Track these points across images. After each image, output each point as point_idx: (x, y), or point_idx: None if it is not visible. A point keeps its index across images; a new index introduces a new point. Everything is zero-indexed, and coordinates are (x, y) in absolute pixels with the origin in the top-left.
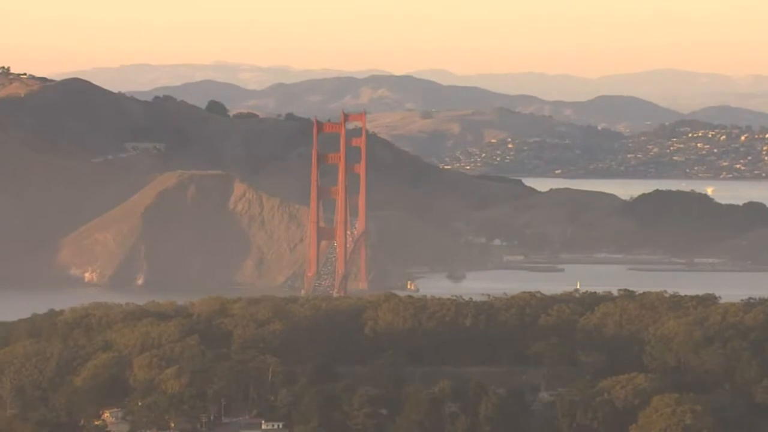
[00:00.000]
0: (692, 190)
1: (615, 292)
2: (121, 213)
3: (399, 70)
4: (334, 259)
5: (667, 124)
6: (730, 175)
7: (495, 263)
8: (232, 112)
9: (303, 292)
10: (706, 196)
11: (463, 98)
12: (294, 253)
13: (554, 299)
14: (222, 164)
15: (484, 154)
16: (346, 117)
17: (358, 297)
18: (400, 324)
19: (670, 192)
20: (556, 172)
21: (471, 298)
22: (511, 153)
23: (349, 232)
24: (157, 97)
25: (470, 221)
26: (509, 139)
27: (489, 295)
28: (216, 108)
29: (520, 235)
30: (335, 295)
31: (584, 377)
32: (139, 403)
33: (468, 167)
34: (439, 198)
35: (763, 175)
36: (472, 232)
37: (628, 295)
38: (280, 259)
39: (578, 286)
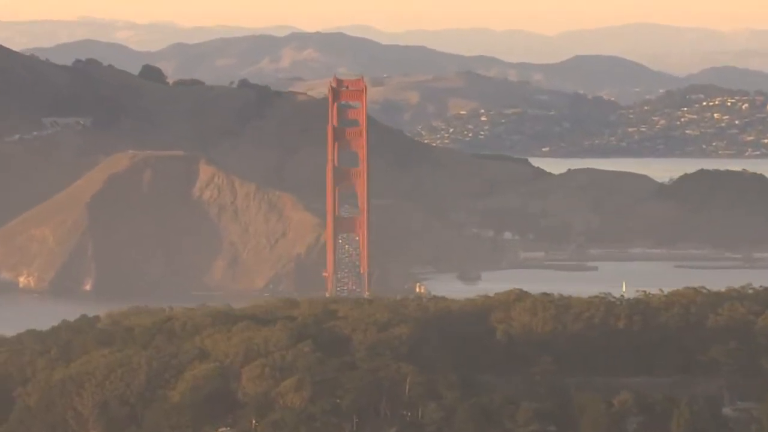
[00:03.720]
0: (744, 169)
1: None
2: (61, 203)
3: (311, 27)
4: (346, 256)
5: (675, 90)
6: (758, 152)
7: (510, 261)
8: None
9: (327, 294)
10: (762, 177)
11: (408, 61)
12: (275, 251)
13: (722, 296)
14: (162, 141)
15: (452, 129)
16: (339, 83)
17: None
18: (539, 327)
19: (717, 172)
20: (543, 149)
21: (622, 295)
22: (486, 127)
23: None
24: (78, 61)
25: (472, 210)
26: (482, 111)
27: (645, 292)
28: (152, 74)
29: (535, 227)
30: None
31: None
32: (254, 421)
33: (434, 145)
34: (431, 182)
35: None
36: (476, 224)
37: None
38: (258, 257)
39: (623, 289)
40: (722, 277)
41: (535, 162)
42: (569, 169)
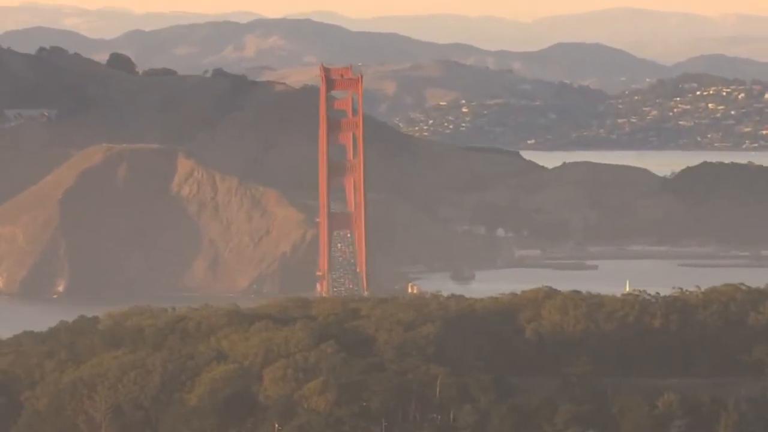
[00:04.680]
0: (749, 161)
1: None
2: (31, 200)
3: (276, 13)
4: (339, 255)
5: (666, 79)
6: (756, 144)
7: (506, 260)
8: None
9: (323, 294)
10: None
11: (381, 49)
12: (259, 249)
13: (763, 293)
14: (133, 134)
15: (431, 121)
16: (327, 71)
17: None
18: (570, 326)
19: (721, 165)
20: (528, 142)
21: (657, 293)
22: (467, 119)
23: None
24: (42, 49)
25: (462, 206)
26: (462, 101)
27: (681, 289)
28: (120, 63)
29: (529, 224)
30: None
31: None
32: (277, 425)
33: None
34: (418, 176)
35: None
36: (467, 220)
37: None
38: (241, 256)
39: (627, 288)
40: (729, 276)
41: (523, 155)
42: (564, 163)
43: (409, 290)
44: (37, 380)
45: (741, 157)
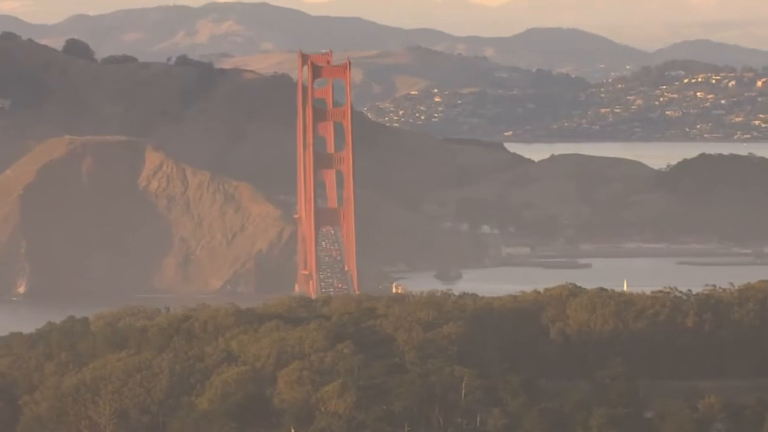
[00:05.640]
0: (750, 153)
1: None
2: None
3: None
4: (324, 253)
5: (652, 66)
6: (748, 135)
7: (493, 258)
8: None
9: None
10: None
11: (344, 34)
12: (233, 247)
13: None
14: (94, 125)
15: (401, 111)
16: (305, 59)
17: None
18: (597, 325)
19: (721, 157)
20: (506, 133)
21: (690, 290)
22: (440, 108)
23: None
24: None
25: (445, 201)
26: (435, 90)
27: (714, 286)
28: (78, 49)
29: (516, 220)
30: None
31: None
32: (293, 429)
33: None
34: (397, 169)
35: None
36: (451, 216)
37: None
38: (214, 255)
39: (625, 287)
40: (731, 274)
41: (512, 148)
42: (552, 155)
43: (394, 291)
44: (37, 384)
45: (732, 149)
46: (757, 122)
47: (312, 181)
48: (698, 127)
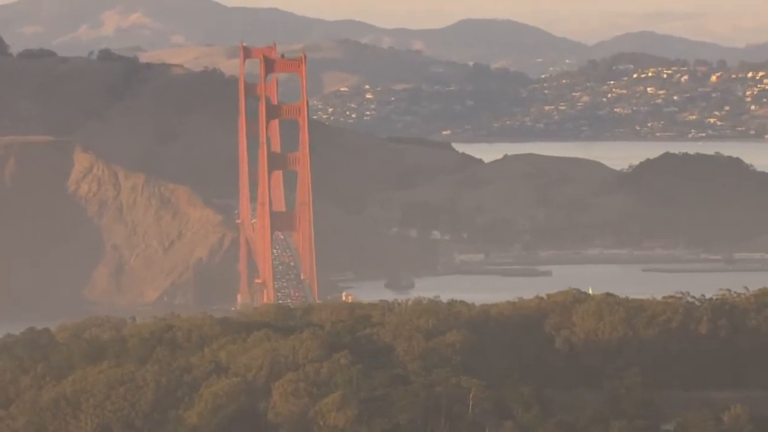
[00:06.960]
0: (717, 152)
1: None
2: None
3: None
4: (277, 262)
5: (597, 60)
6: (703, 134)
7: (446, 266)
8: None
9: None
10: (740, 161)
11: (262, 26)
12: (170, 256)
13: None
14: (12, 124)
15: (331, 109)
16: (247, 52)
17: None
18: (606, 333)
19: (686, 157)
20: (443, 132)
21: (703, 295)
22: (372, 106)
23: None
24: None
25: (390, 205)
26: (366, 86)
27: (728, 290)
28: None
29: (469, 225)
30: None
31: None
32: None
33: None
34: (338, 171)
35: (752, 132)
36: (396, 221)
37: None
38: (149, 264)
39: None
40: (700, 281)
41: (460, 148)
42: (506, 155)
43: (344, 299)
44: (13, 398)
45: (686, 148)
46: (712, 120)
47: (266, 182)
48: (649, 125)
